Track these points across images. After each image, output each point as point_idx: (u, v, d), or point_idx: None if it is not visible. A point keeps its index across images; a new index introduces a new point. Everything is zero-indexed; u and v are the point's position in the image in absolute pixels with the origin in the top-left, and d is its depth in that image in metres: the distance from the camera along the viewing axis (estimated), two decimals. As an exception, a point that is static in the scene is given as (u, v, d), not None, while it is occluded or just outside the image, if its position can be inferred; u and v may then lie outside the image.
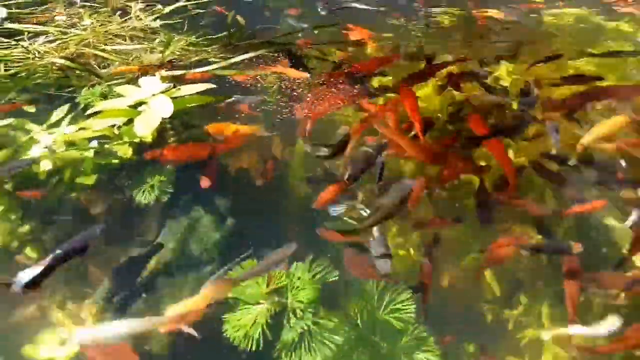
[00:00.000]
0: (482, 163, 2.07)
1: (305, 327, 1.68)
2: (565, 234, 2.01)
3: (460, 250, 2.01)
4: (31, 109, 2.52)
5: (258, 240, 1.96)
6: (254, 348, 1.65)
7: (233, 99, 2.50)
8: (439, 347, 1.75)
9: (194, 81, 2.50)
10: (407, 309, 1.80)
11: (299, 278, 1.79)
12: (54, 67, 2.83)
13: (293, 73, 2.73)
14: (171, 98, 2.30)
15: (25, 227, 1.99)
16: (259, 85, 2.73)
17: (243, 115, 2.43)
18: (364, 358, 1.71)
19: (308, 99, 2.54)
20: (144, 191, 2.09)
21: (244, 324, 1.69)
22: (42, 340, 1.80)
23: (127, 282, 1.91)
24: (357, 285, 1.87)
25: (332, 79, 2.66)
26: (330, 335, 1.69)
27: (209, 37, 3.31)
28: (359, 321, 1.78)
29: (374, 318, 1.80)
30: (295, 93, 2.65)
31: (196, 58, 3.03)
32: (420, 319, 1.78)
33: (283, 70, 2.75)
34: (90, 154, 2.08)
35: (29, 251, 1.92)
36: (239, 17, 3.38)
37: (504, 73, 2.66)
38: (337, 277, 1.83)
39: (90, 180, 2.04)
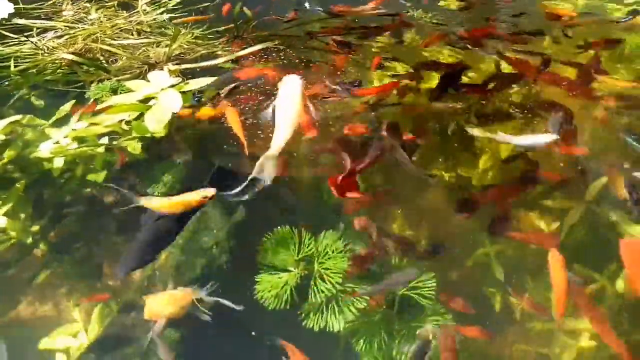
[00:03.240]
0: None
1: (333, 292, 1.75)
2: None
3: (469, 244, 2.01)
4: (40, 104, 2.55)
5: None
6: (282, 308, 1.74)
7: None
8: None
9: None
10: (428, 286, 1.82)
11: (327, 246, 1.86)
12: (62, 63, 2.83)
13: None
14: (180, 92, 2.30)
15: (37, 224, 2.01)
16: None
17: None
18: (384, 331, 1.76)
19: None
20: (153, 187, 2.10)
21: (274, 285, 1.78)
22: (57, 334, 1.83)
23: None
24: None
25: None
26: (355, 301, 1.77)
27: (216, 29, 3.30)
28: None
29: (394, 293, 1.84)
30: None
31: (203, 51, 3.02)
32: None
33: None
34: (101, 150, 2.09)
35: (42, 246, 1.95)
36: (245, 9, 3.36)
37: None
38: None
39: (100, 177, 2.05)
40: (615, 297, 1.82)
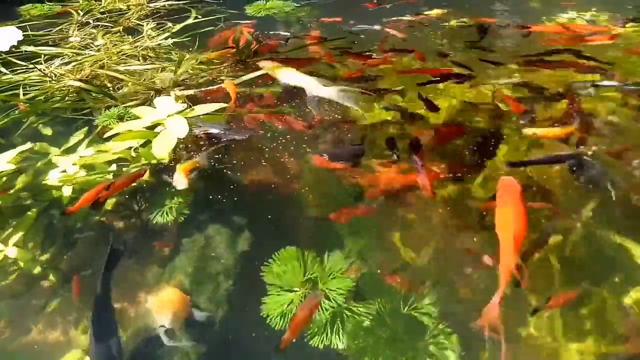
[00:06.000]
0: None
1: (337, 309, 1.79)
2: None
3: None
4: (48, 132, 2.59)
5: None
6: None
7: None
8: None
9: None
10: (429, 304, 1.84)
11: (332, 267, 1.91)
12: (70, 90, 2.88)
13: None
14: (186, 118, 2.34)
15: (47, 253, 2.03)
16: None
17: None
18: (390, 351, 1.76)
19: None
20: (161, 213, 2.13)
21: (281, 304, 1.81)
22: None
23: None
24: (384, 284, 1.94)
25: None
26: (358, 319, 1.80)
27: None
28: (383, 312, 1.84)
29: (398, 313, 1.85)
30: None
31: (208, 77, 3.07)
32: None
33: None
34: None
35: (52, 276, 1.96)
36: (246, 34, 3.42)
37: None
38: (366, 271, 1.92)
39: (109, 204, 2.07)
40: (617, 310, 1.83)
